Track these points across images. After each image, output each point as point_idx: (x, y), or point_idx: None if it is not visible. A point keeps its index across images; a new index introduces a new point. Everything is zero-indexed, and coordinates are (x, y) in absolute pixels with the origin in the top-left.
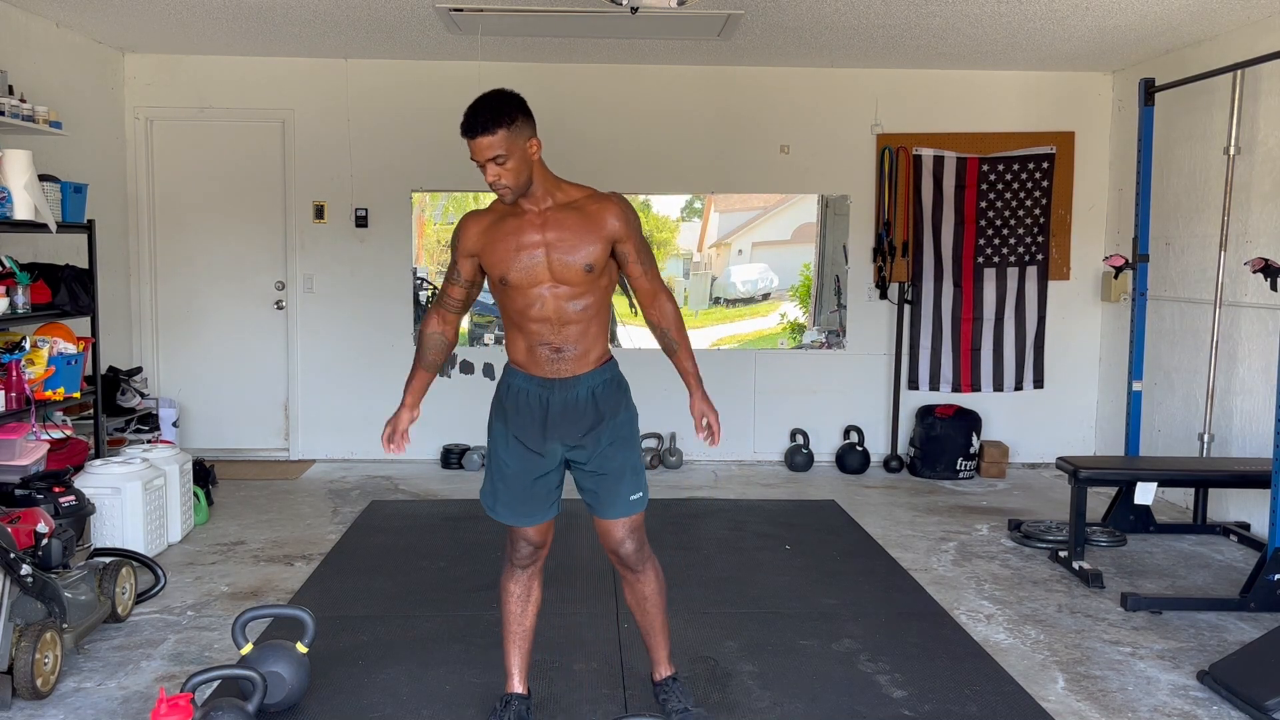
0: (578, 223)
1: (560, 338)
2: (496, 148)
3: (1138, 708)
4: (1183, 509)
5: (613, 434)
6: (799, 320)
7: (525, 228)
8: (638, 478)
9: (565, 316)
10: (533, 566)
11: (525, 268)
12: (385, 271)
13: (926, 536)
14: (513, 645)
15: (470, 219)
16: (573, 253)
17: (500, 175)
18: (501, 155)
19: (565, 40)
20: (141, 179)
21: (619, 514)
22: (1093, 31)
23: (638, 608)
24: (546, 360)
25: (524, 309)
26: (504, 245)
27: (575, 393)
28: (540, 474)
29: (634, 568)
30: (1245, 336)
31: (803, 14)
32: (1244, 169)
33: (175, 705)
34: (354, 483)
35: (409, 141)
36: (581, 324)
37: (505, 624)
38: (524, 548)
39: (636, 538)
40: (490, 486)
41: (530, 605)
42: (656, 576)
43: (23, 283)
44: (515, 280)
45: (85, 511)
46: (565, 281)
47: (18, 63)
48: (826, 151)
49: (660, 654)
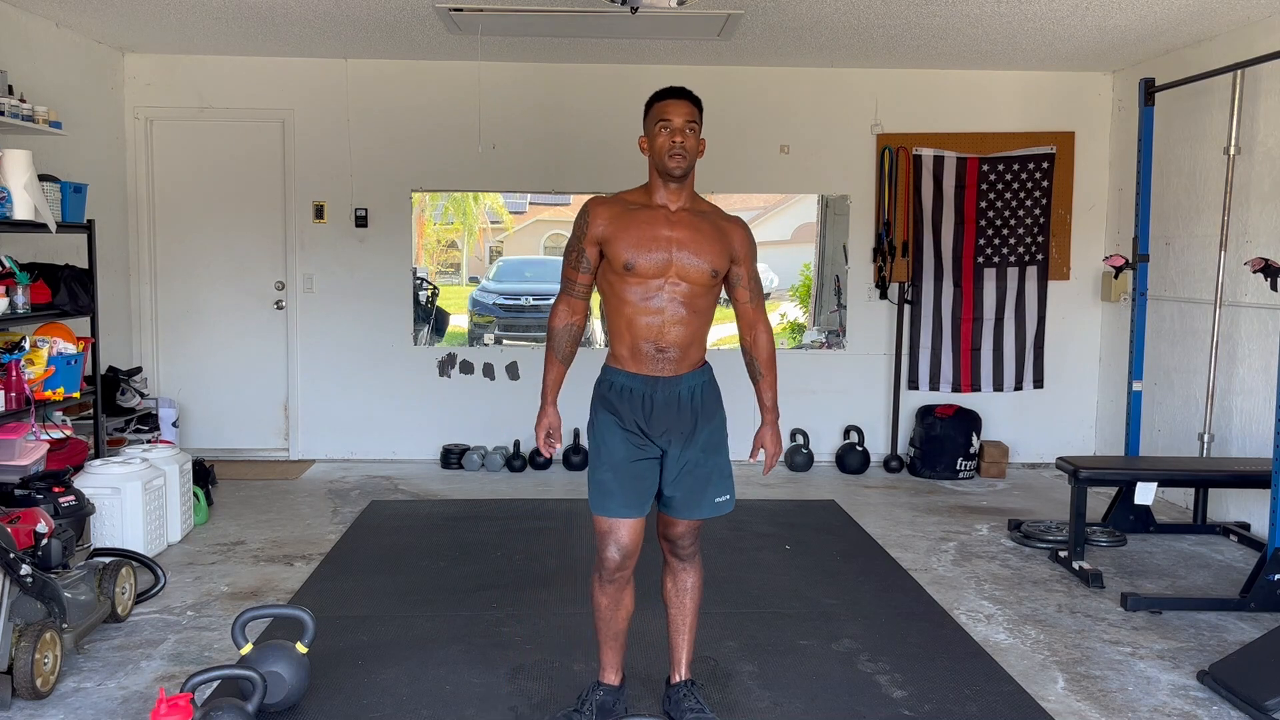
0: (710, 230)
1: (668, 337)
2: (693, 116)
3: (1138, 708)
4: (1183, 509)
5: (708, 437)
6: (799, 320)
7: (658, 222)
8: (726, 481)
9: (677, 315)
10: (621, 577)
11: (653, 259)
12: (385, 271)
13: (926, 536)
14: (606, 644)
15: (599, 204)
16: (700, 255)
17: (686, 140)
18: (694, 125)
19: (565, 40)
20: (141, 179)
21: (704, 514)
22: (1093, 31)
23: (676, 599)
24: (650, 358)
25: (640, 301)
26: (636, 233)
27: (677, 390)
28: (645, 460)
29: (686, 559)
30: (1245, 336)
31: (803, 14)
32: (1244, 169)
33: (175, 705)
34: (354, 483)
35: (409, 141)
36: (690, 327)
37: (598, 627)
38: (614, 556)
39: (697, 532)
40: (597, 483)
41: (621, 611)
42: (700, 572)
43: (22, 283)
44: (641, 269)
45: (85, 511)
46: (687, 280)
47: (18, 63)
48: (826, 151)
49: (683, 655)
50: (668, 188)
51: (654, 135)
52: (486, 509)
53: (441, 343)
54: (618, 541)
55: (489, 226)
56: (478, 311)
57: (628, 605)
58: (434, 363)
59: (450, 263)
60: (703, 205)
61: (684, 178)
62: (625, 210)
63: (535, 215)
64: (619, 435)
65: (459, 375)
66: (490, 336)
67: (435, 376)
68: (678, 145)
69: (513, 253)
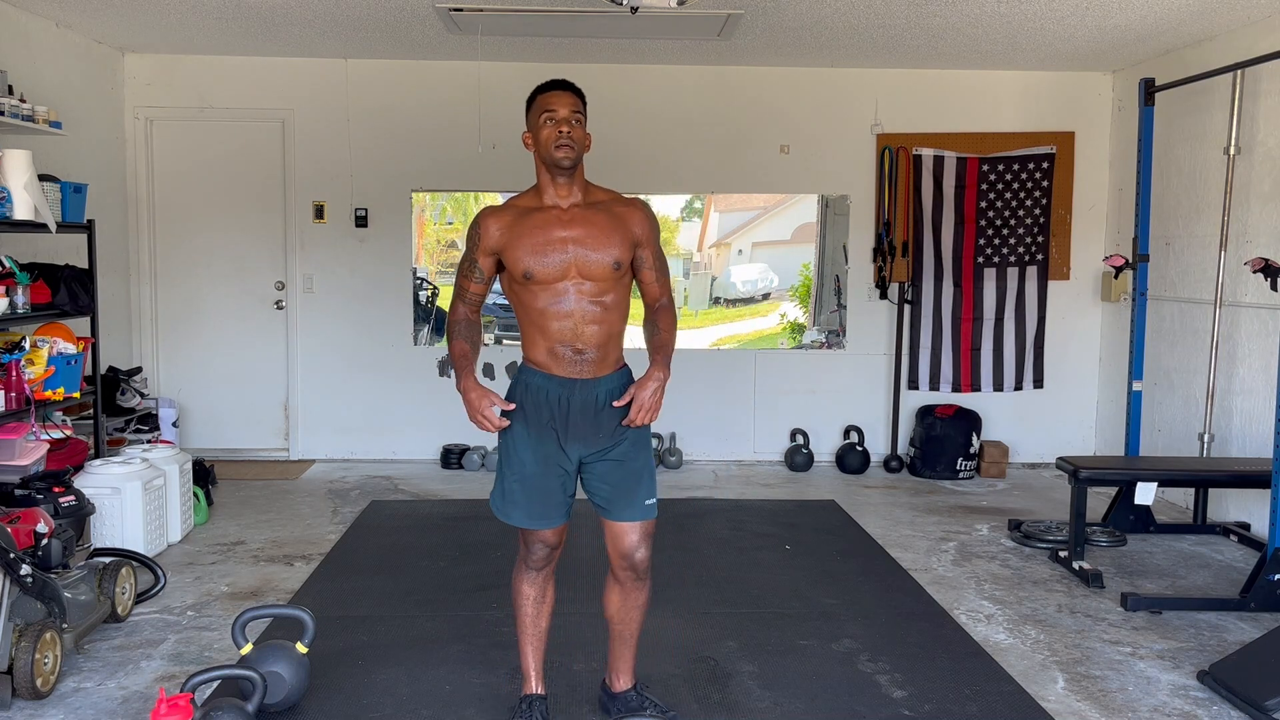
0: (606, 221)
1: (584, 338)
2: (578, 107)
3: (1138, 708)
4: (1183, 509)
5: (635, 435)
6: (799, 320)
7: (551, 223)
8: (652, 482)
9: (589, 315)
10: (547, 568)
11: (551, 263)
12: (385, 271)
13: (926, 536)
14: (528, 646)
15: (489, 215)
16: (600, 249)
17: (573, 132)
18: (580, 116)
19: (565, 40)
20: (141, 179)
21: (635, 517)
22: (1093, 31)
23: (624, 617)
24: (569, 361)
25: (546, 306)
26: (530, 240)
27: (594, 394)
28: (559, 474)
29: (641, 576)
30: (1245, 336)
31: (803, 14)
32: (1244, 169)
33: (175, 705)
34: (354, 483)
35: (409, 141)
36: (604, 325)
37: (520, 626)
38: (539, 549)
39: (648, 545)
40: (502, 489)
41: (545, 607)
42: (649, 587)
43: (22, 283)
44: (540, 275)
45: (85, 511)
46: (591, 278)
47: (18, 63)
48: (826, 151)
49: (628, 664)
50: (557, 183)
51: (539, 128)
52: (486, 509)
53: (441, 343)
54: (541, 539)
55: None
56: None
57: (551, 599)
58: (434, 363)
59: (450, 263)
60: (597, 195)
61: (573, 169)
62: (517, 217)
63: None
64: (529, 447)
65: None
66: (490, 336)
67: (435, 376)
68: (564, 136)
69: None
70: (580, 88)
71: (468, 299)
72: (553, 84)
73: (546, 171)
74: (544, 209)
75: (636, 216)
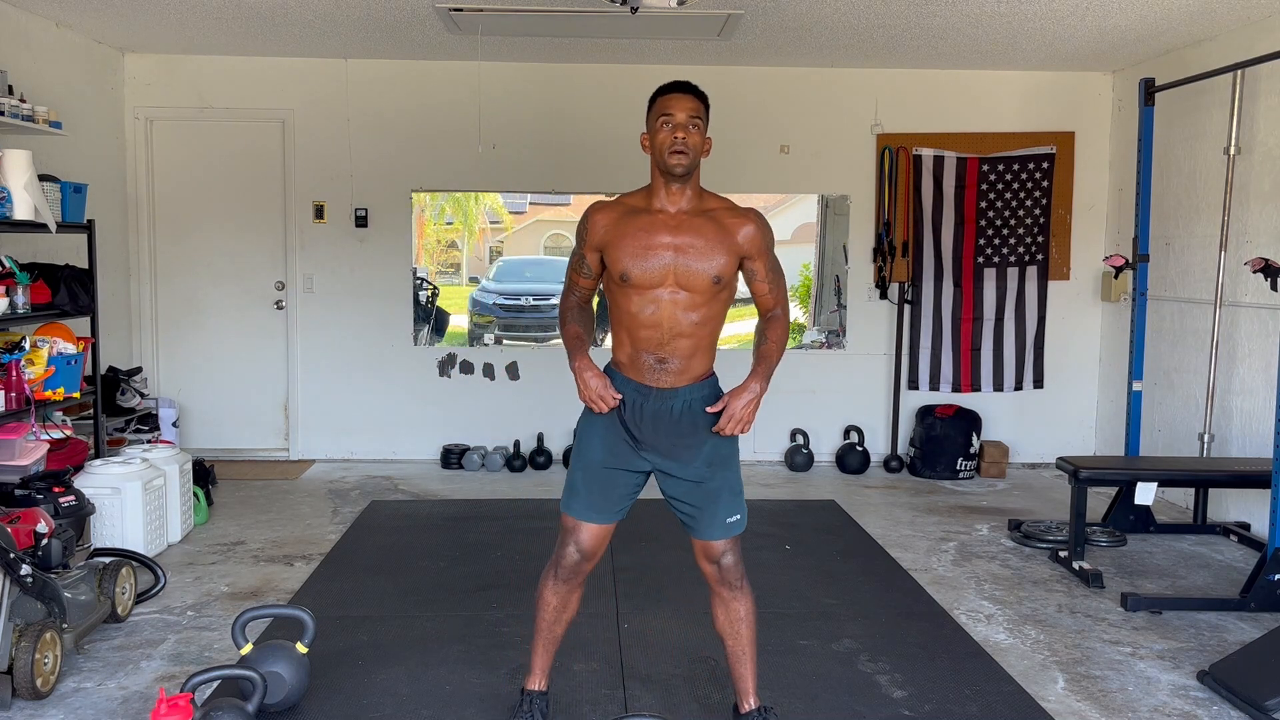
0: (713, 232)
1: (668, 349)
2: (697, 112)
3: (1138, 708)
4: (1183, 509)
5: (713, 453)
6: (799, 320)
7: (657, 228)
8: (736, 500)
9: (678, 327)
10: (575, 579)
11: (650, 267)
12: (385, 271)
13: (926, 536)
14: (541, 648)
15: (598, 210)
16: (702, 260)
17: (689, 137)
18: (699, 121)
19: (565, 40)
20: (141, 179)
21: (715, 536)
22: (1093, 31)
23: (730, 630)
24: (649, 369)
25: (638, 311)
26: (632, 242)
27: (670, 404)
28: (625, 472)
29: (732, 583)
30: (1245, 336)
31: (803, 14)
32: (1244, 169)
33: (175, 705)
34: (354, 483)
35: (409, 141)
36: (693, 338)
37: (537, 629)
38: (572, 556)
39: (737, 552)
40: (570, 480)
41: (565, 615)
42: (751, 596)
43: (23, 283)
44: (637, 279)
45: (85, 511)
46: (688, 289)
47: (18, 63)
48: (826, 151)
49: (749, 683)
50: (669, 188)
51: (655, 131)
52: (486, 509)
53: (441, 343)
54: (578, 541)
55: (489, 226)
56: (478, 311)
57: (573, 609)
58: (434, 363)
59: (450, 263)
60: (710, 202)
61: (686, 177)
62: (624, 215)
63: (535, 215)
64: (599, 437)
65: (459, 375)
66: (490, 336)
67: (435, 376)
68: (679, 141)
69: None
70: (703, 91)
71: (577, 293)
72: (673, 86)
73: (660, 175)
74: (651, 212)
75: (748, 229)
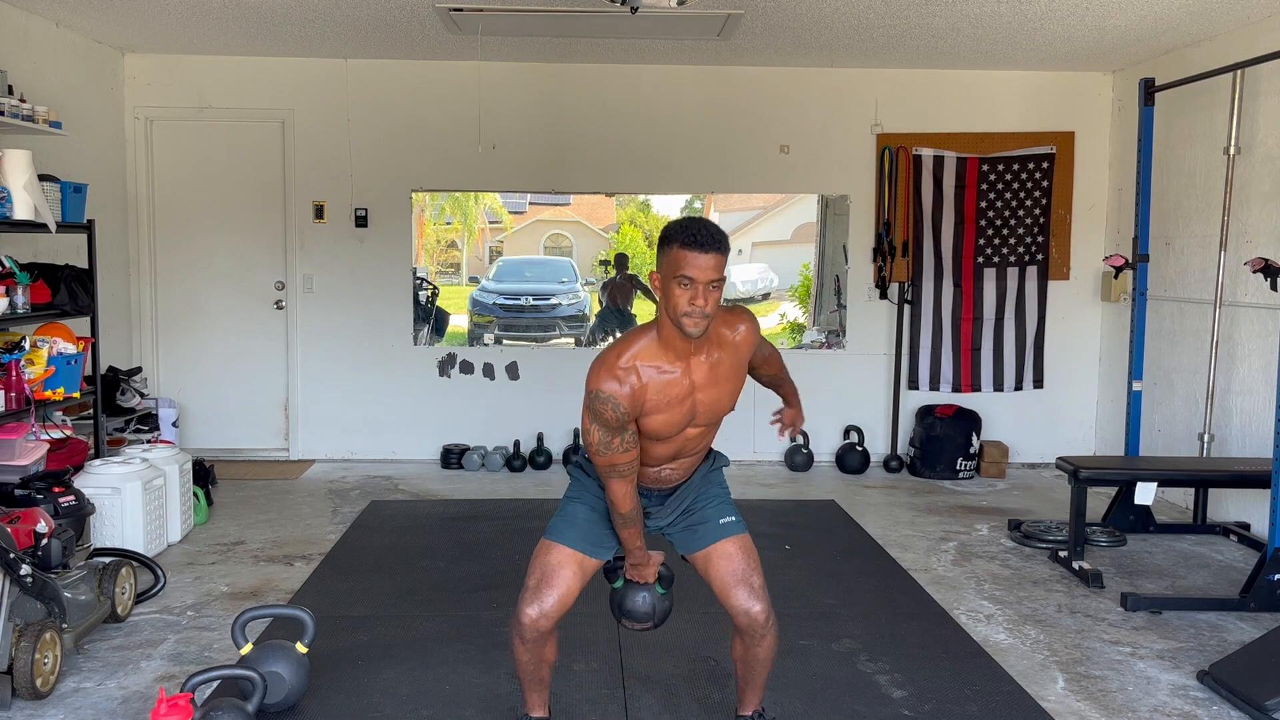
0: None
1: (675, 464)
2: (719, 271)
3: (1138, 708)
4: (1183, 509)
5: (697, 491)
6: (799, 320)
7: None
8: (725, 504)
9: (689, 449)
10: (541, 636)
11: (677, 424)
12: (385, 271)
13: (926, 536)
14: (530, 689)
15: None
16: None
17: (709, 302)
18: (719, 282)
19: (565, 40)
20: (141, 179)
21: (713, 538)
22: (1093, 31)
23: (746, 663)
24: (652, 477)
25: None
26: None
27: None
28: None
29: (759, 633)
30: (1245, 336)
31: (803, 14)
32: (1244, 169)
33: (175, 705)
34: (354, 483)
35: (409, 141)
36: (700, 452)
37: (520, 674)
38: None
39: (762, 595)
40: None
41: (545, 662)
42: (775, 636)
43: (23, 283)
44: (666, 434)
45: (85, 511)
46: (707, 422)
47: (18, 63)
48: (826, 151)
49: (753, 696)
50: (683, 339)
51: (670, 287)
52: (486, 509)
53: (441, 343)
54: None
55: (488, 226)
56: (478, 311)
57: (550, 656)
58: (434, 363)
59: (450, 263)
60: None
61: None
62: (644, 384)
63: (535, 215)
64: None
65: (459, 375)
66: (490, 336)
67: (435, 376)
68: (698, 310)
69: (513, 253)
70: (725, 237)
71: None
72: (696, 239)
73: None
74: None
75: (747, 343)
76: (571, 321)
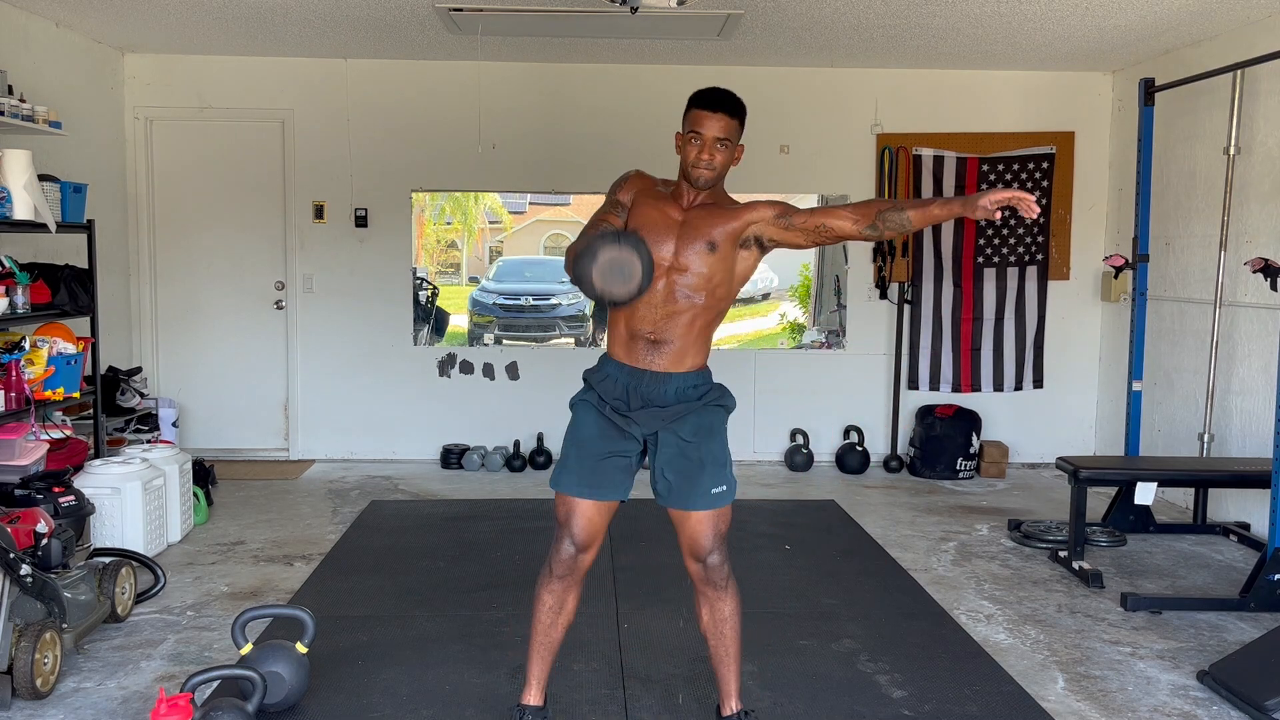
0: (720, 211)
1: (661, 330)
2: (728, 132)
3: (1138, 708)
4: (1183, 509)
5: (697, 420)
6: (799, 320)
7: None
8: (720, 471)
9: (674, 305)
10: (571, 576)
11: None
12: (385, 271)
13: (926, 536)
14: (536, 655)
15: (638, 175)
16: (701, 230)
17: (713, 158)
18: (727, 142)
19: (565, 40)
20: (141, 179)
21: (698, 506)
22: (1093, 31)
23: (714, 630)
24: (643, 351)
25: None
26: (649, 211)
27: (662, 390)
28: (619, 452)
29: (718, 583)
30: (1245, 336)
31: (803, 14)
32: (1244, 169)
33: (175, 705)
34: (354, 483)
35: (409, 141)
36: (687, 317)
37: (533, 633)
38: (568, 548)
39: (721, 545)
40: (561, 456)
41: (562, 618)
42: (737, 597)
43: (22, 283)
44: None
45: (85, 511)
46: (688, 267)
47: (18, 63)
48: (826, 151)
49: (732, 685)
50: (691, 189)
51: (685, 140)
52: (486, 509)
53: (441, 343)
54: (572, 530)
55: (488, 226)
56: (478, 311)
57: (570, 610)
58: (434, 363)
59: (450, 263)
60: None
61: (709, 187)
62: (651, 190)
63: (535, 215)
64: (593, 413)
65: (459, 375)
66: (490, 336)
67: (435, 376)
68: (704, 162)
69: (512, 253)
70: (740, 101)
71: None
72: (710, 100)
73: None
74: (672, 197)
75: (756, 205)
76: (571, 321)
